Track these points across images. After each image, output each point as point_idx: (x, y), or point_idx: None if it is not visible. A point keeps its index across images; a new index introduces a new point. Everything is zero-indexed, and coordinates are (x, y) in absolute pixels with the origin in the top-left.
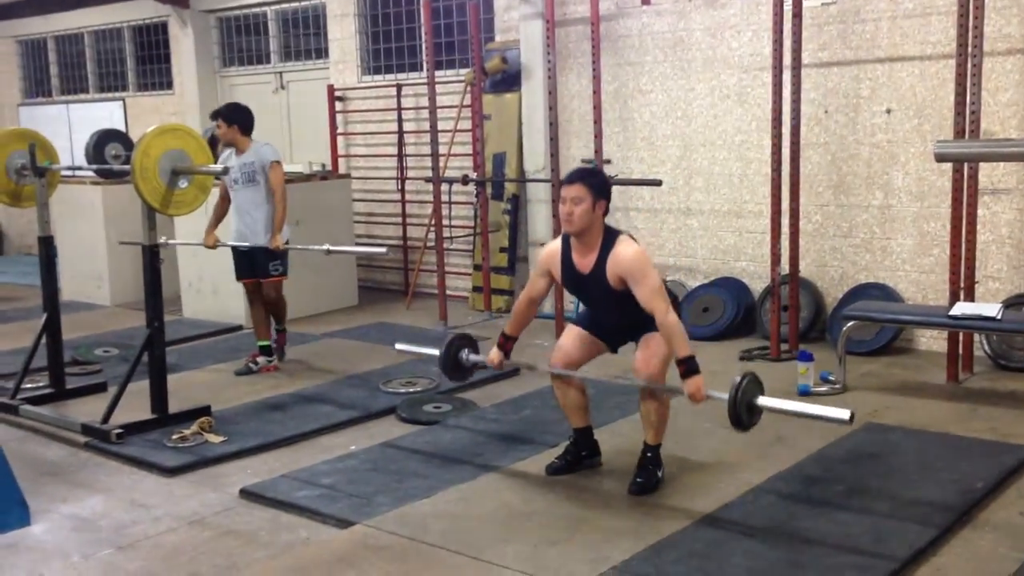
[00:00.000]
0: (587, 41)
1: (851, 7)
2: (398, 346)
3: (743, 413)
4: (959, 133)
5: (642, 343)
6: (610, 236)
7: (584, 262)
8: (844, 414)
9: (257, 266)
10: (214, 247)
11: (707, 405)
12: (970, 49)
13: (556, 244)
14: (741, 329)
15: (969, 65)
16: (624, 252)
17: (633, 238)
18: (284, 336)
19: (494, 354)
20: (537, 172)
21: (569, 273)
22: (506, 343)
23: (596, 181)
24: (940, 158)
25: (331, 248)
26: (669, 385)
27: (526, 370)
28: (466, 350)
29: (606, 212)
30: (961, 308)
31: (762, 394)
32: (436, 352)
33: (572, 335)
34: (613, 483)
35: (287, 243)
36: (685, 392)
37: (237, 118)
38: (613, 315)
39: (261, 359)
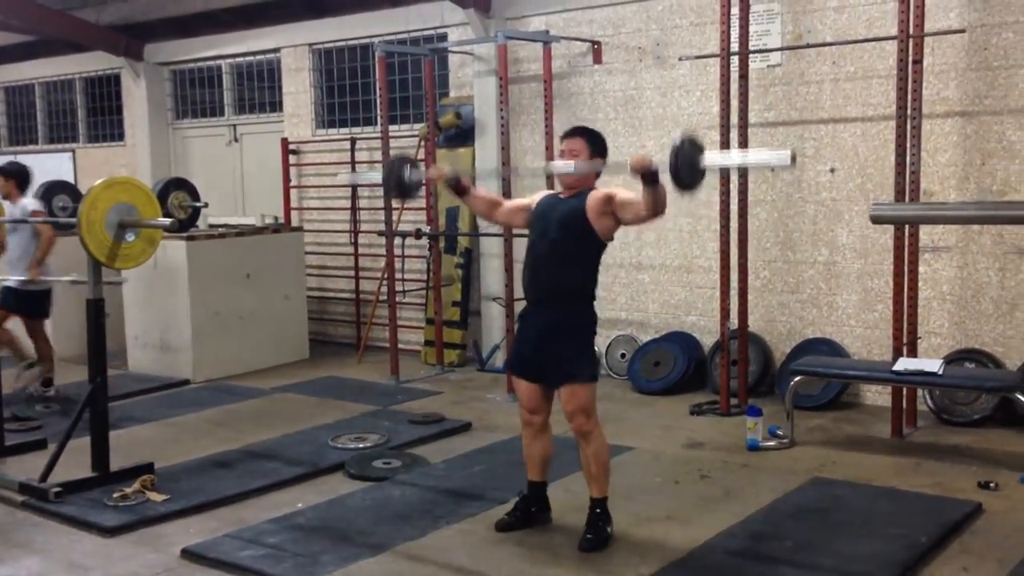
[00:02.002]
0: (540, 98)
1: (795, 70)
2: (344, 178)
3: (686, 175)
4: (900, 193)
5: (564, 388)
6: (594, 188)
7: (567, 194)
8: (784, 158)
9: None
10: None
11: (655, 459)
12: (909, 111)
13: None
14: (692, 383)
15: (908, 127)
16: (608, 187)
17: None
18: (35, 373)
19: (434, 168)
20: (490, 226)
21: (547, 200)
22: (461, 183)
23: (594, 137)
24: (876, 220)
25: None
26: (615, 162)
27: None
28: (408, 166)
29: (599, 173)
30: (904, 364)
31: (702, 153)
32: (379, 177)
33: (519, 386)
34: (563, 539)
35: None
36: (628, 164)
37: (15, 174)
38: (552, 259)
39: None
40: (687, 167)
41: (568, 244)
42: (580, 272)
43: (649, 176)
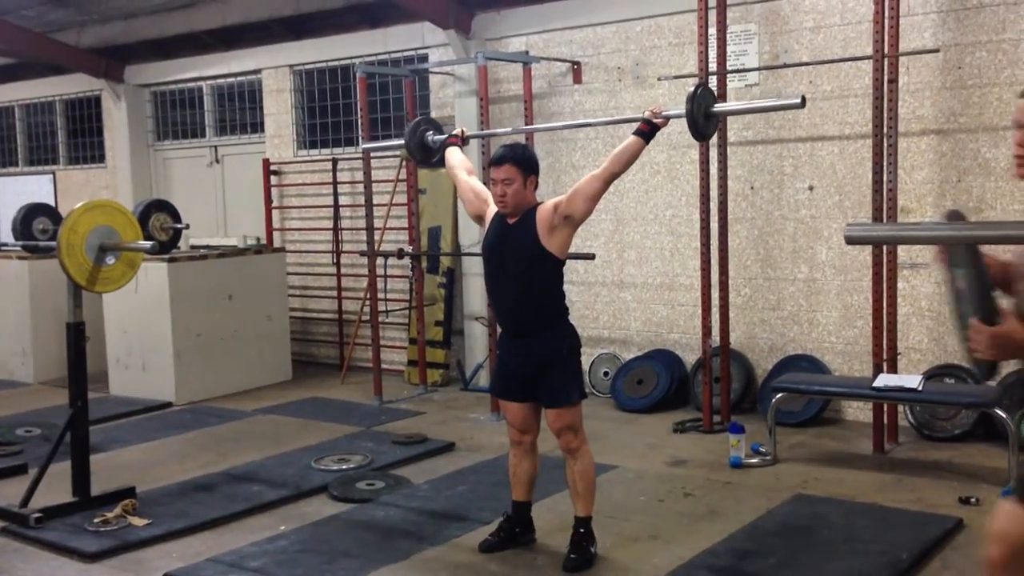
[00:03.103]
0: (521, 118)
1: (772, 88)
2: (363, 146)
3: (700, 121)
4: (877, 210)
5: (551, 409)
6: (538, 204)
7: (512, 218)
8: (796, 100)
9: None
10: None
11: (639, 477)
12: (885, 130)
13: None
14: (674, 401)
15: (885, 145)
16: (550, 200)
17: None
18: None
19: (458, 130)
20: (472, 246)
21: (496, 226)
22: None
23: (523, 156)
24: (850, 241)
25: None
26: (633, 116)
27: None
28: (431, 131)
29: (536, 186)
30: (884, 380)
31: (715, 102)
32: (401, 142)
33: (508, 408)
34: (546, 559)
35: None
36: (645, 114)
37: None
38: (518, 294)
39: None
40: (702, 113)
41: (528, 277)
42: (547, 301)
43: (654, 126)
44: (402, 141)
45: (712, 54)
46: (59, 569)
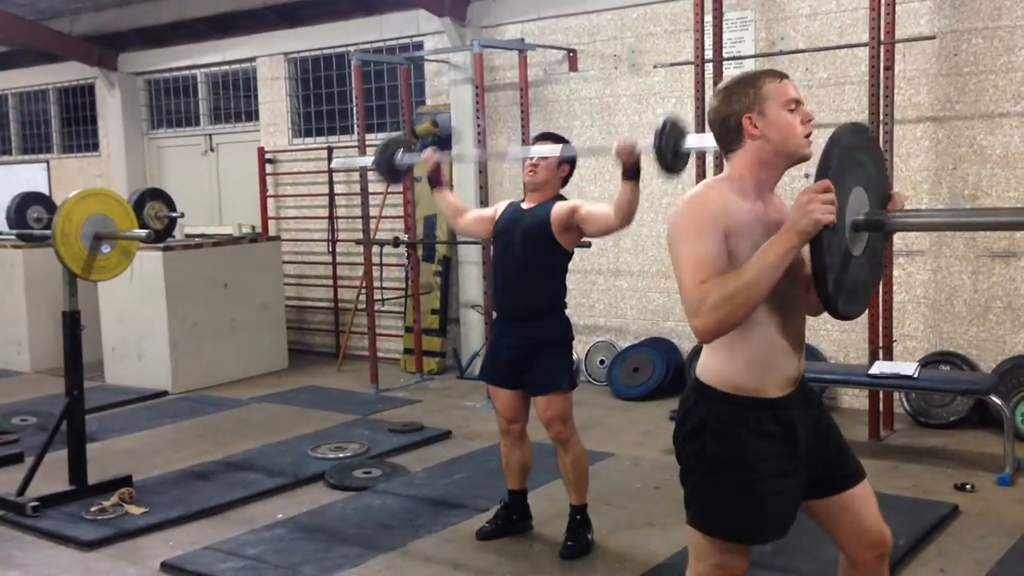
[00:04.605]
0: (516, 106)
1: None
2: (336, 163)
3: (669, 158)
4: None
5: (541, 397)
6: (562, 197)
7: (531, 203)
8: None
9: None
10: None
11: (635, 465)
12: (881, 117)
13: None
14: (671, 389)
15: (881, 132)
16: (571, 200)
17: None
18: None
19: (428, 152)
20: None
21: (510, 212)
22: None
23: (564, 141)
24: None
25: None
26: (601, 146)
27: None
28: (400, 150)
29: (567, 178)
30: (880, 367)
31: (684, 136)
32: (369, 160)
33: (497, 394)
34: (544, 547)
35: None
36: (613, 149)
37: None
38: (520, 276)
39: None
40: (671, 149)
41: (534, 260)
42: (548, 287)
43: (632, 165)
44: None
45: (708, 41)
46: (56, 557)
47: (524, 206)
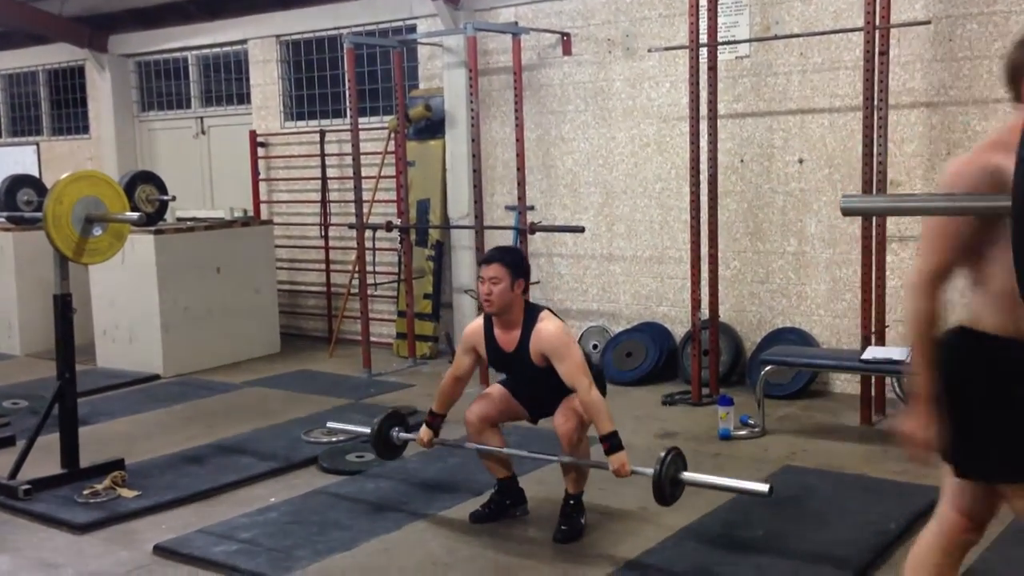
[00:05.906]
0: (510, 90)
1: (763, 61)
2: (329, 424)
3: (667, 487)
4: (867, 183)
5: (563, 402)
6: (531, 313)
7: (507, 339)
8: (763, 488)
9: None
10: None
11: (628, 449)
12: (876, 102)
13: (479, 322)
14: (663, 374)
15: (875, 117)
16: (546, 329)
17: (554, 313)
18: None
19: (423, 432)
20: (461, 218)
21: (493, 351)
22: (434, 420)
23: (513, 260)
24: (846, 212)
25: None
26: (594, 460)
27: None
28: (396, 428)
29: (525, 290)
30: (872, 352)
31: (685, 469)
32: (367, 430)
33: (495, 391)
34: (537, 531)
35: None
36: (610, 468)
37: None
38: (539, 389)
39: None
40: (669, 478)
41: (536, 378)
42: (563, 382)
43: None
44: (367, 429)
45: (703, 25)
46: (49, 540)
47: (500, 341)
